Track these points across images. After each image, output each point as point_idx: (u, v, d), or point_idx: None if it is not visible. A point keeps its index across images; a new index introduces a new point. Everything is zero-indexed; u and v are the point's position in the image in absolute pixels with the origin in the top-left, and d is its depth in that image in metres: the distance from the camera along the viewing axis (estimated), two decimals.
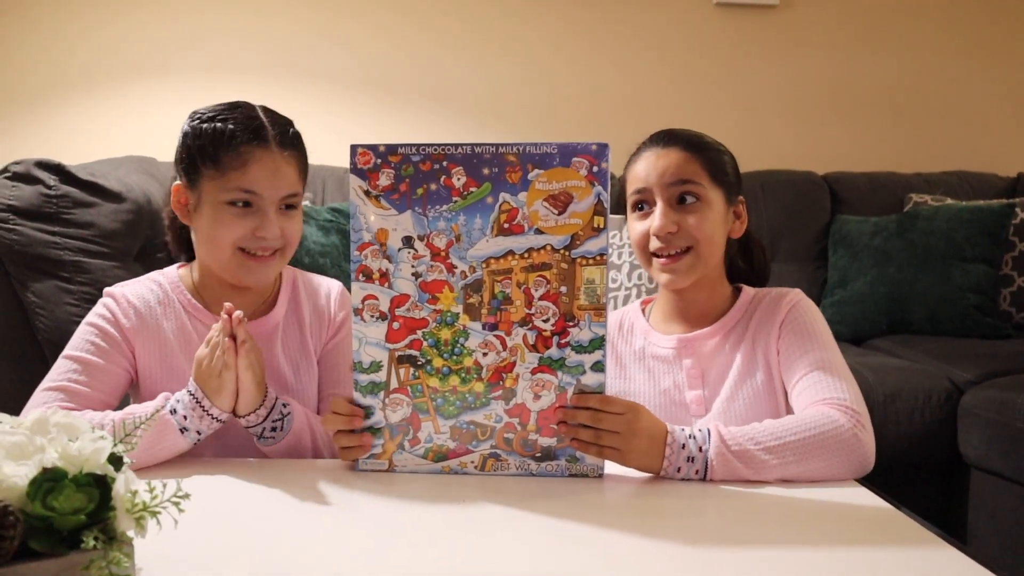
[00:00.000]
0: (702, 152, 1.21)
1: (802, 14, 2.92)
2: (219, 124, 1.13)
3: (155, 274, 1.26)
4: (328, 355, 1.29)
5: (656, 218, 1.19)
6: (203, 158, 1.14)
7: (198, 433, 1.09)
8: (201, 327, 1.20)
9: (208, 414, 1.09)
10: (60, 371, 1.15)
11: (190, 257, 1.27)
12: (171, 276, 1.24)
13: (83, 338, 1.18)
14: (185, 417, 1.08)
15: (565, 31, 2.86)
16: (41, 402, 1.12)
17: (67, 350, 1.17)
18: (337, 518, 0.92)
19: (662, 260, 1.20)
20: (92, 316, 1.20)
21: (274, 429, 1.14)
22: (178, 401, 1.09)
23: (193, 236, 1.22)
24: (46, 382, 1.14)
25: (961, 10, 2.95)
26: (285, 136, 1.16)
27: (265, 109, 1.20)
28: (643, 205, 1.22)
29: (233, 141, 1.12)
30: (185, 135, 1.17)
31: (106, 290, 1.23)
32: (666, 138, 1.23)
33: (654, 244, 1.20)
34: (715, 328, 1.24)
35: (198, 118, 1.16)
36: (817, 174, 2.74)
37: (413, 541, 0.87)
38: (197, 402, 1.08)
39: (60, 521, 0.66)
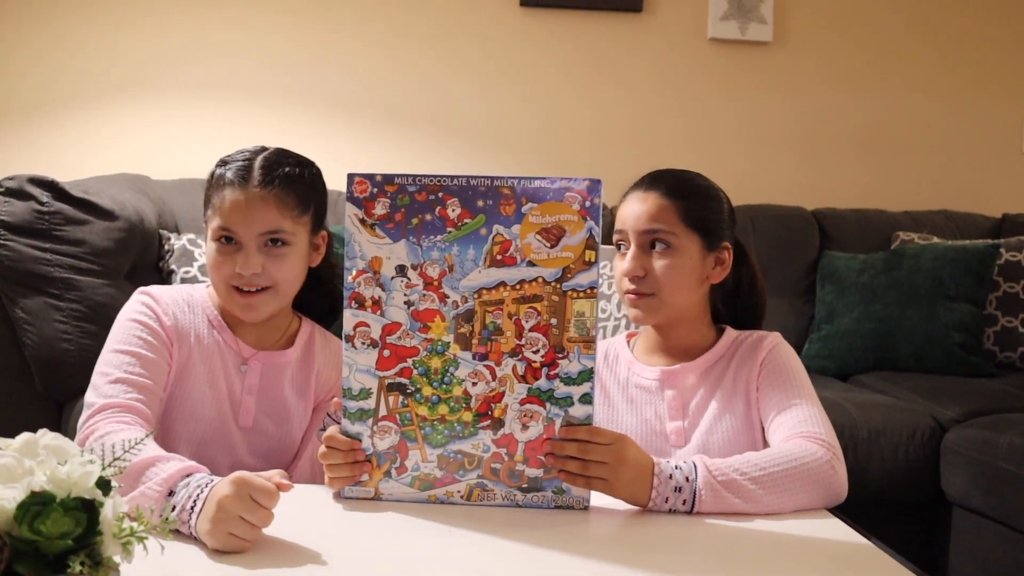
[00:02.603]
0: (683, 199, 1.25)
1: (795, 52, 2.96)
2: (219, 169, 1.22)
3: (186, 286, 1.30)
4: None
5: (627, 261, 1.25)
6: (206, 201, 1.23)
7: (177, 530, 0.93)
8: (222, 342, 1.24)
9: (189, 527, 0.92)
10: (114, 364, 1.14)
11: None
12: (200, 290, 1.29)
13: (129, 333, 1.18)
14: (174, 508, 0.93)
15: (567, 60, 2.89)
16: (109, 394, 1.11)
17: (115, 344, 1.17)
18: (322, 546, 0.92)
19: (630, 297, 1.26)
20: (132, 313, 1.20)
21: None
22: (186, 486, 0.94)
23: None
24: (104, 375, 1.13)
25: (951, 53, 3.00)
26: (270, 175, 1.19)
27: (278, 151, 1.24)
28: (621, 245, 1.28)
29: (221, 182, 1.20)
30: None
31: (143, 288, 1.24)
32: (650, 182, 1.27)
33: (625, 284, 1.25)
34: (697, 363, 1.27)
35: (216, 163, 1.24)
36: (806, 210, 2.77)
37: (398, 570, 0.87)
38: (191, 510, 0.92)
39: (47, 545, 0.66)
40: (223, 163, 1.22)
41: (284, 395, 1.28)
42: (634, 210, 1.25)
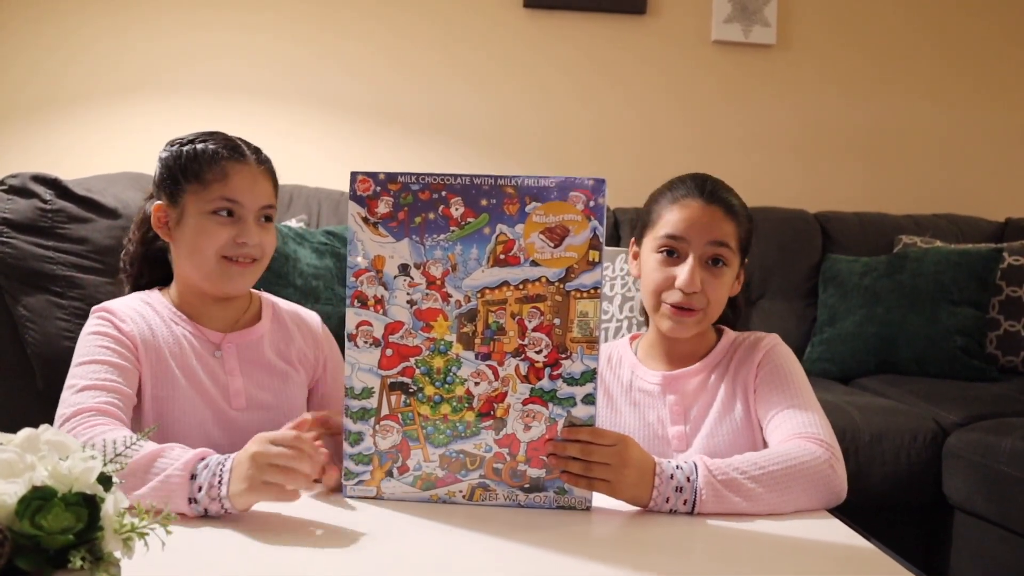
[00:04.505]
0: (736, 217, 1.24)
1: (798, 54, 2.96)
2: (200, 145, 1.22)
3: (138, 294, 1.29)
4: (322, 390, 1.35)
5: (684, 274, 1.20)
6: (186, 175, 1.21)
7: (205, 511, 0.98)
8: (189, 335, 1.24)
9: (220, 502, 0.97)
10: (79, 375, 1.13)
11: (152, 284, 1.32)
12: (154, 294, 1.29)
13: (92, 345, 1.17)
14: (200, 489, 0.97)
15: (571, 62, 2.89)
16: (77, 402, 1.09)
17: (82, 359, 1.16)
18: (323, 544, 0.92)
19: (673, 310, 1.22)
20: (91, 328, 1.20)
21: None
22: (206, 467, 0.98)
23: (172, 253, 1.26)
24: (71, 388, 1.11)
25: (954, 56, 3.00)
26: (260, 155, 1.26)
27: (238, 137, 1.28)
28: (673, 252, 1.23)
29: (215, 157, 1.21)
30: (165, 159, 1.24)
31: (95, 307, 1.24)
32: (711, 194, 1.23)
33: (675, 297, 1.21)
34: (699, 367, 1.27)
35: (177, 143, 1.24)
36: (809, 213, 2.77)
37: (399, 570, 0.87)
38: (219, 484, 0.97)
39: (48, 540, 0.66)
40: (203, 139, 1.23)
41: (269, 363, 1.28)
42: (699, 220, 1.21)
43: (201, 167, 1.20)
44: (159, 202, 1.24)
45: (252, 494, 0.96)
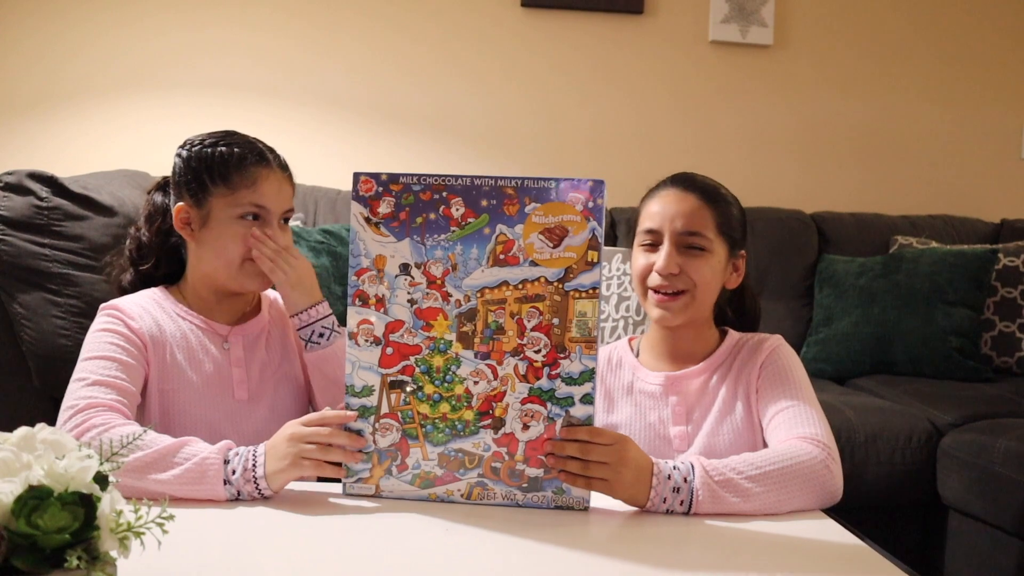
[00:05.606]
0: (716, 204, 1.26)
1: (795, 55, 2.97)
2: (224, 148, 1.24)
3: (144, 291, 1.30)
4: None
5: (661, 258, 1.23)
6: (213, 178, 1.23)
7: (238, 493, 1.04)
8: (197, 329, 1.26)
9: (255, 483, 1.04)
10: (89, 370, 1.14)
11: (165, 277, 1.33)
12: (158, 292, 1.30)
13: (101, 342, 1.18)
14: (234, 472, 1.04)
15: (568, 61, 2.89)
16: (88, 395, 1.10)
17: (89, 354, 1.17)
18: (322, 542, 0.92)
19: (658, 296, 1.24)
20: (100, 325, 1.21)
21: (321, 335, 1.26)
22: (237, 454, 1.05)
23: (191, 251, 1.28)
24: (81, 381, 1.13)
25: (951, 58, 3.01)
26: (280, 158, 1.29)
27: (256, 139, 1.30)
28: (652, 242, 1.27)
29: (243, 162, 1.23)
30: (188, 160, 1.25)
31: (104, 305, 1.24)
32: (685, 183, 1.27)
33: (654, 280, 1.24)
34: (701, 367, 1.28)
35: (198, 144, 1.25)
36: (805, 213, 2.77)
37: (397, 568, 0.87)
38: (254, 467, 1.04)
39: (44, 539, 0.65)
40: (226, 142, 1.24)
41: (270, 356, 1.30)
42: (670, 209, 1.25)
43: (229, 171, 1.22)
44: (181, 203, 1.24)
45: (292, 470, 1.03)
